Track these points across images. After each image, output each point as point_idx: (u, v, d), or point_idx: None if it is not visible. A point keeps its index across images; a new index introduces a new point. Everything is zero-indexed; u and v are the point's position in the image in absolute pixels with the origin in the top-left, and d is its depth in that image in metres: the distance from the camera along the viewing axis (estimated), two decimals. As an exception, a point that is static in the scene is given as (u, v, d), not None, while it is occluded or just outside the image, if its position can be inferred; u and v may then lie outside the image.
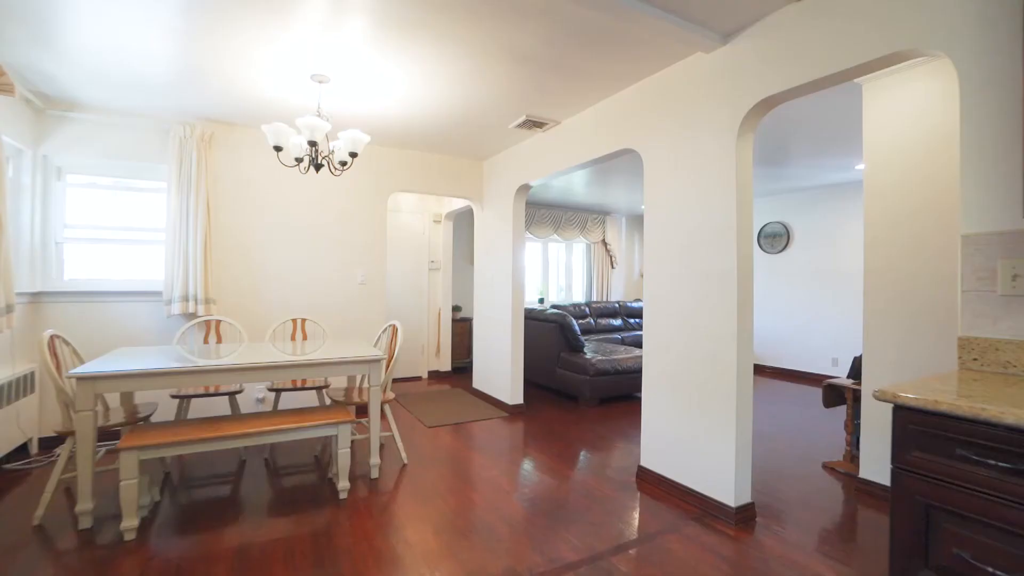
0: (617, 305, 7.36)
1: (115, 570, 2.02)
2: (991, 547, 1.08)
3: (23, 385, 3.10)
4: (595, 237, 7.93)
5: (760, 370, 6.69)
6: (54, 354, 2.51)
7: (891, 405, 2.25)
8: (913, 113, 2.62)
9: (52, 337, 2.52)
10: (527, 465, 3.25)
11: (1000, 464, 1.07)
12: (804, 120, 3.63)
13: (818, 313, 6.11)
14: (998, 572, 1.06)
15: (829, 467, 3.19)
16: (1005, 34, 1.53)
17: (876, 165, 2.74)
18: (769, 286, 6.63)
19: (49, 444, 3.42)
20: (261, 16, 2.31)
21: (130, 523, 2.24)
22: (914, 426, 1.21)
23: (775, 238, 6.50)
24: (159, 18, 2.33)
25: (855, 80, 2.54)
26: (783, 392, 5.50)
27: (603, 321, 7.11)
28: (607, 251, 8.15)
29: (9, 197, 3.12)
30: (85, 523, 2.32)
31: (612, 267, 8.25)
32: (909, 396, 1.20)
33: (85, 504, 2.29)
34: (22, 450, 3.23)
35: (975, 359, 1.57)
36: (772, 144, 4.27)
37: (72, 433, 2.41)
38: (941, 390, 1.23)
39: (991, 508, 1.08)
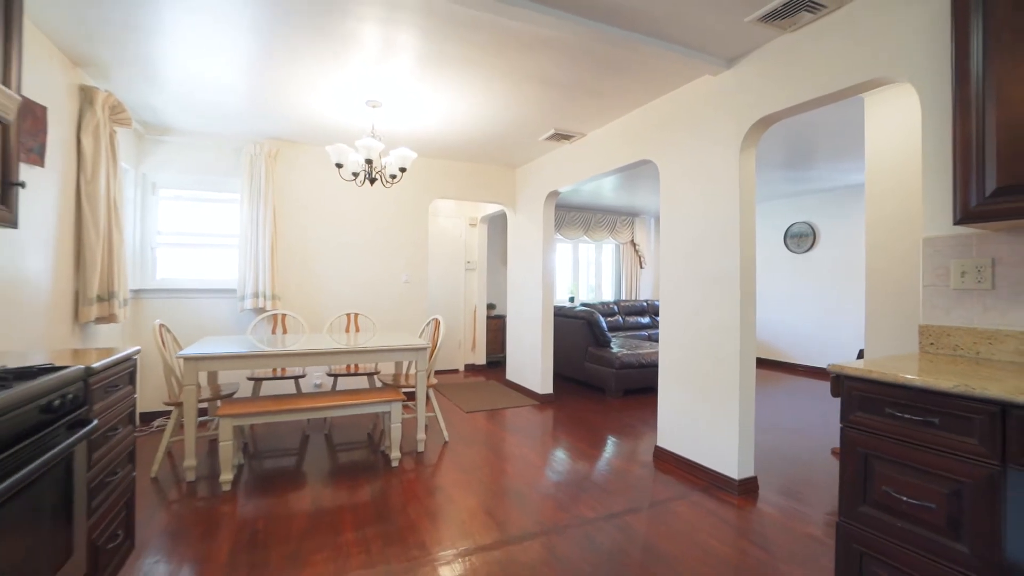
0: (645, 304, 7.62)
1: (218, 512, 2.51)
2: (906, 482, 1.39)
3: (129, 367, 3.69)
4: (624, 238, 8.20)
5: (792, 368, 6.81)
6: (162, 339, 3.04)
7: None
8: (910, 124, 2.85)
9: (160, 326, 3.05)
10: (555, 445, 3.62)
11: (913, 418, 1.37)
12: (826, 124, 3.84)
13: (846, 311, 6.22)
14: (911, 500, 1.37)
15: (837, 452, 3.43)
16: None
17: (876, 172, 2.98)
18: (796, 285, 6.76)
19: (147, 418, 4.02)
20: (324, 55, 2.76)
21: (226, 476, 2.74)
22: (856, 392, 1.52)
23: (801, 238, 6.63)
24: (241, 57, 2.81)
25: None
26: (808, 388, 5.67)
27: (631, 319, 7.38)
28: (636, 251, 8.41)
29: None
30: (190, 476, 2.84)
31: (641, 267, 8.50)
32: (850, 367, 1.52)
33: (190, 461, 2.81)
34: (128, 422, 3.82)
35: (931, 343, 1.85)
36: (796, 147, 4.48)
37: (179, 404, 2.93)
38: (883, 365, 1.54)
39: (906, 451, 1.38)
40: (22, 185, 1.65)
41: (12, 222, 1.62)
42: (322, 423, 4.10)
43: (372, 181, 3.44)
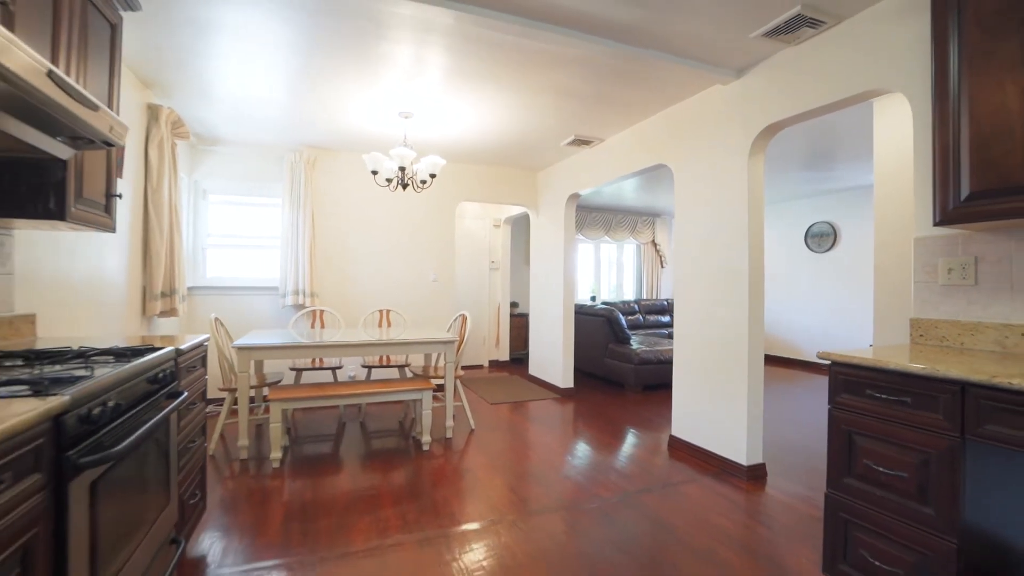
0: (666, 303, 7.74)
1: (270, 486, 2.80)
2: (883, 454, 1.56)
3: (185, 358, 4.05)
4: (645, 238, 8.33)
5: (816, 368, 6.84)
6: (216, 331, 3.36)
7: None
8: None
9: (216, 319, 3.38)
10: (575, 435, 3.83)
11: (889, 397, 1.55)
12: (845, 126, 3.93)
13: (866, 310, 6.23)
14: (887, 471, 1.54)
15: (848, 445, 3.54)
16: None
17: (884, 175, 3.10)
18: (817, 285, 6.80)
19: (199, 405, 4.37)
20: (360, 73, 3.02)
21: (276, 455, 3.04)
22: (841, 376, 1.70)
23: (822, 237, 6.67)
24: (284, 76, 3.08)
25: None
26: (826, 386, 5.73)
27: (652, 317, 7.52)
28: (657, 251, 8.53)
29: (174, 214, 4.08)
30: (243, 454, 3.15)
31: (662, 267, 8.61)
32: (835, 354, 1.69)
33: (243, 440, 3.12)
34: (184, 408, 4.18)
35: (921, 335, 2.00)
36: (816, 148, 4.57)
37: (232, 389, 3.24)
38: (867, 352, 1.71)
39: (882, 427, 1.56)
40: (120, 196, 1.95)
41: (112, 228, 1.92)
42: (357, 412, 4.39)
43: (404, 187, 3.71)
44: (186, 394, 1.66)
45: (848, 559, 1.69)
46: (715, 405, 3.12)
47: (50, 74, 1.16)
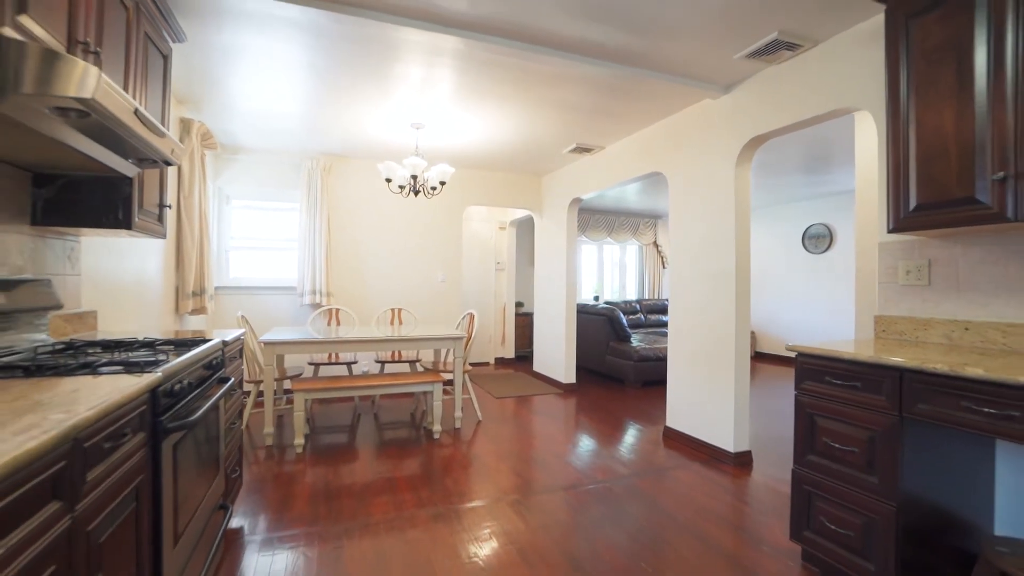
0: (666, 302, 7.95)
1: (295, 469, 3.06)
2: (838, 432, 1.79)
3: (210, 353, 4.32)
4: (647, 240, 8.55)
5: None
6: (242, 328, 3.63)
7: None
8: (894, 139, 3.18)
9: (242, 316, 3.64)
10: (576, 426, 4.06)
11: (844, 383, 1.77)
12: (839, 131, 4.11)
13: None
14: (842, 447, 1.77)
15: (833, 436, 3.76)
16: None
17: (864, 183, 3.31)
18: (814, 285, 6.99)
19: (223, 398, 4.65)
20: (375, 89, 3.27)
21: (299, 441, 3.30)
22: (806, 365, 1.93)
23: (818, 239, 6.87)
24: (303, 93, 3.34)
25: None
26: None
27: (653, 317, 7.74)
28: (659, 252, 8.74)
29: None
30: (268, 441, 3.42)
31: (663, 267, 8.82)
32: (801, 346, 1.92)
33: (269, 428, 3.39)
34: (209, 400, 4.46)
35: (883, 331, 2.22)
36: (813, 152, 4.74)
37: (258, 381, 3.51)
38: (829, 344, 1.94)
39: (838, 409, 1.79)
40: (169, 206, 2.22)
41: (163, 234, 2.19)
42: (371, 405, 4.65)
43: (416, 193, 3.96)
44: (233, 379, 1.92)
45: (811, 526, 1.91)
46: (706, 397, 3.34)
47: (136, 112, 1.41)
